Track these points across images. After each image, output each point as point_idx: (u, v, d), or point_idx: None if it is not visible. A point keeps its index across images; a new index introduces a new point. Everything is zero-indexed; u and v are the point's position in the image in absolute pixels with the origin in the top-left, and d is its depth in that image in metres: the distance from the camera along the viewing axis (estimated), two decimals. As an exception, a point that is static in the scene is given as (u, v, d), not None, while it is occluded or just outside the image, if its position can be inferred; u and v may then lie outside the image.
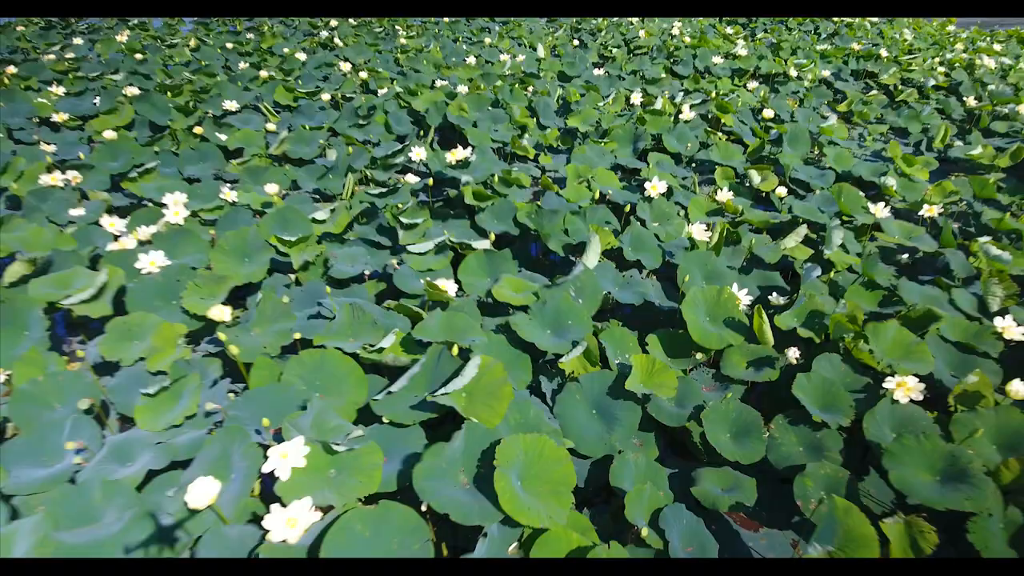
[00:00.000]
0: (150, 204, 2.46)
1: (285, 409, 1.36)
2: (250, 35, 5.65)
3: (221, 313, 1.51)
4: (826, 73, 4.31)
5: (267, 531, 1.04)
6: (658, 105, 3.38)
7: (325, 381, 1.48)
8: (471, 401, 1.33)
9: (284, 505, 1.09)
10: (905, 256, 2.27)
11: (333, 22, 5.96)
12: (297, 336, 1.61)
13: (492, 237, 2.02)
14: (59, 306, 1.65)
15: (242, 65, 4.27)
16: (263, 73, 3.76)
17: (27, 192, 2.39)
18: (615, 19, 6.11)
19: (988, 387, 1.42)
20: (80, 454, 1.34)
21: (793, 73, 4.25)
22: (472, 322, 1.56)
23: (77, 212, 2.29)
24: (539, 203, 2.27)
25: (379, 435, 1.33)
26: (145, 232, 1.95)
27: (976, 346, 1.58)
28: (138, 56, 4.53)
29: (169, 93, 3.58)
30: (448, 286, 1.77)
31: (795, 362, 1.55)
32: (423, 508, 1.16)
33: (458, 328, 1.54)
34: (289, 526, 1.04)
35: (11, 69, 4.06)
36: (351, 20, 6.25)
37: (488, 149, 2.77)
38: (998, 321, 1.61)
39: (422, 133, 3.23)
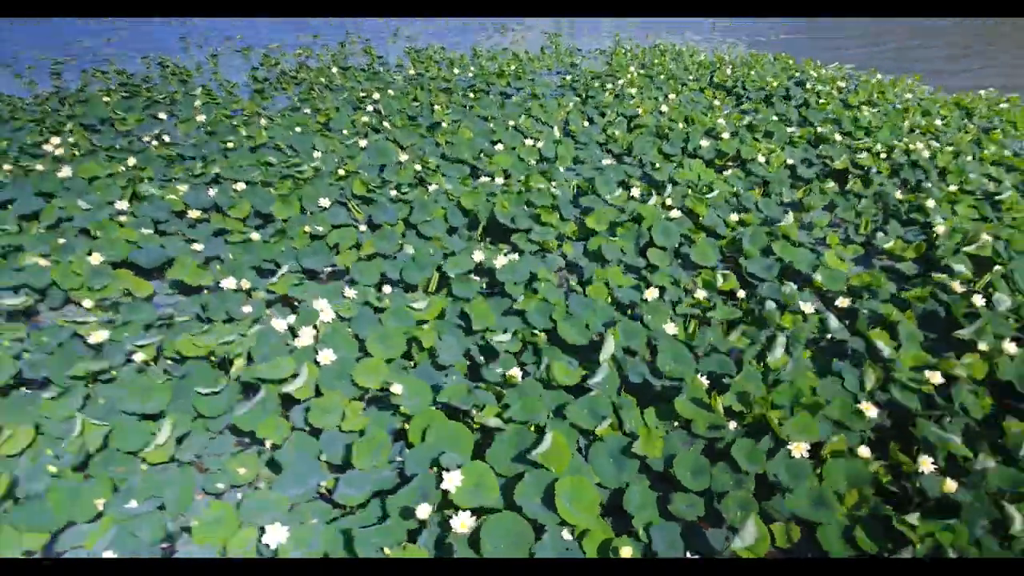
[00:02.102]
0: (297, 303, 3.45)
1: (433, 456, 2.35)
2: (307, 109, 6.63)
3: (396, 388, 2.56)
4: (790, 160, 5.32)
5: (452, 527, 2.03)
6: (652, 201, 4.38)
7: (448, 441, 2.47)
8: (547, 457, 2.32)
9: (457, 510, 2.08)
10: (823, 341, 3.26)
11: (375, 94, 6.95)
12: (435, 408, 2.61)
13: (543, 336, 3.03)
14: (281, 392, 2.65)
15: (316, 153, 5.26)
16: (340, 171, 4.74)
17: (208, 293, 3.40)
18: (618, 94, 7.10)
19: (843, 444, 2.42)
20: (322, 485, 2.34)
21: (762, 159, 5.26)
22: (540, 404, 2.56)
23: (247, 309, 3.29)
24: (567, 305, 3.26)
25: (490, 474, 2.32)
26: (311, 332, 2.94)
27: (844, 420, 2.57)
28: (230, 145, 5.51)
29: (272, 189, 4.58)
30: (516, 372, 2.76)
31: (733, 429, 2.54)
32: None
33: (532, 409, 2.54)
34: (462, 527, 2.03)
35: (132, 160, 5.06)
36: (390, 91, 7.24)
37: (527, 253, 3.78)
38: (862, 404, 2.60)
39: (477, 236, 4.21)
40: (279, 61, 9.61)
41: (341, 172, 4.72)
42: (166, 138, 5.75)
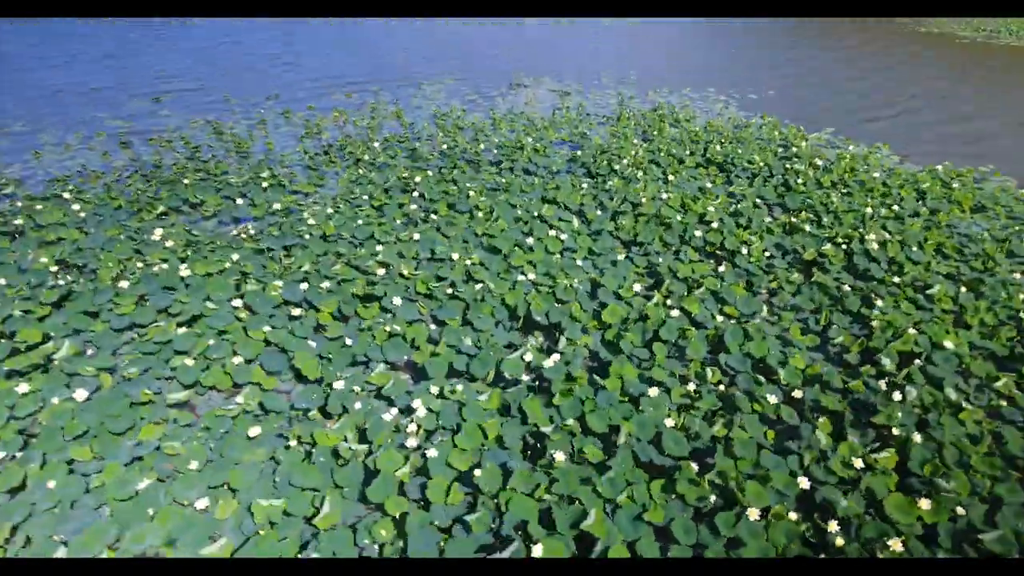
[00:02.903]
0: (394, 397, 4.62)
1: (515, 522, 3.52)
2: (363, 195, 7.83)
3: (478, 472, 3.72)
4: (768, 252, 6.50)
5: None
6: (654, 300, 5.55)
7: (523, 510, 3.64)
8: (595, 526, 3.49)
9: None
10: (779, 424, 4.43)
11: (418, 177, 8.15)
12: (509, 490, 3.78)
13: (576, 425, 4.21)
14: (399, 475, 3.83)
15: (379, 247, 6.45)
16: (405, 270, 5.93)
17: (322, 385, 4.60)
18: (624, 175, 8.30)
19: (784, 511, 3.59)
20: (440, 545, 3.51)
21: (744, 251, 6.44)
22: (579, 485, 3.74)
23: (357, 405, 4.47)
24: (594, 398, 4.44)
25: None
26: (414, 427, 4.12)
27: (783, 490, 3.74)
28: (305, 236, 6.70)
29: (350, 285, 5.76)
30: (560, 456, 3.93)
31: (712, 501, 3.71)
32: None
33: (575, 488, 3.72)
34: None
35: (235, 256, 6.25)
36: (429, 172, 8.43)
37: (570, 351, 4.96)
38: (799, 479, 3.78)
39: (518, 327, 5.39)
40: (321, 129, 10.82)
41: (405, 271, 5.91)
42: (251, 229, 6.95)
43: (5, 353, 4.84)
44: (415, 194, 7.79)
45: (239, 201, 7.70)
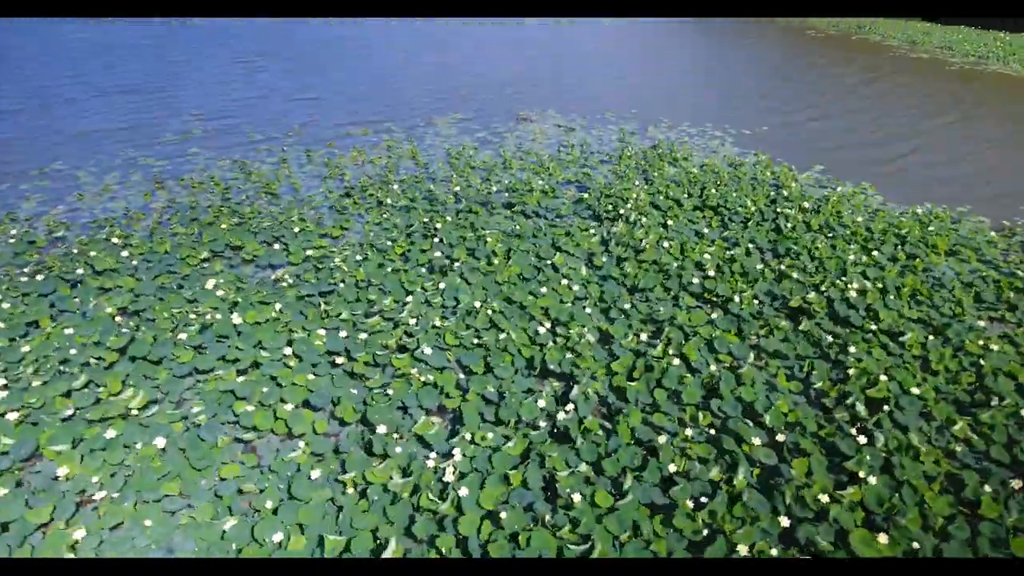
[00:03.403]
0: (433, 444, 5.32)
1: (536, 555, 4.22)
2: (386, 240, 8.55)
3: (503, 514, 4.42)
4: (758, 301, 7.21)
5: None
6: (657, 349, 6.26)
7: (542, 543, 4.34)
8: (599, 543, 4.19)
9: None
10: (763, 464, 5.12)
11: (438, 224, 8.87)
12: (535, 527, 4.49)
13: (590, 469, 4.91)
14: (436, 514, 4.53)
15: (408, 297, 7.17)
16: (437, 321, 6.64)
17: (362, 429, 5.30)
18: (629, 219, 9.02)
19: (767, 547, 4.28)
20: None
21: (737, 298, 7.15)
22: (593, 521, 4.44)
23: (398, 450, 5.17)
24: (608, 445, 5.14)
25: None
26: (450, 462, 4.82)
27: (769, 528, 4.44)
28: (340, 285, 7.42)
29: (382, 338, 6.47)
30: (576, 497, 4.63)
31: (706, 532, 4.41)
32: None
33: (589, 527, 4.42)
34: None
35: (278, 305, 6.97)
36: (448, 217, 9.16)
37: (583, 397, 5.66)
38: (780, 517, 4.47)
39: (534, 374, 6.10)
40: (343, 168, 11.55)
41: (436, 323, 6.63)
42: (288, 277, 7.67)
43: (91, 401, 5.55)
44: (436, 240, 8.51)
45: (276, 246, 8.42)
